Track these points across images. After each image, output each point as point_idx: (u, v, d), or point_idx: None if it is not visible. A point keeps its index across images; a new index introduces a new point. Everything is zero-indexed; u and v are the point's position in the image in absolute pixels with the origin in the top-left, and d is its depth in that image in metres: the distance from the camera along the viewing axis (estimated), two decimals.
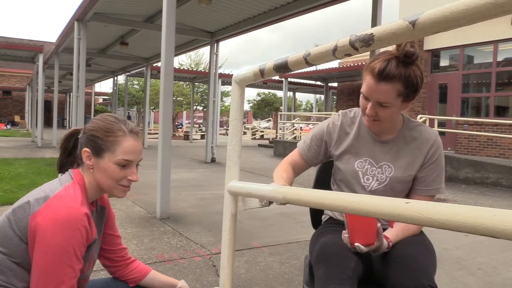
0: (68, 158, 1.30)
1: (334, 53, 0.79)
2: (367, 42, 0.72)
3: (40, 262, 1.07)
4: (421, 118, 8.93)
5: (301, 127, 18.74)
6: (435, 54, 12.07)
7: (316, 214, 1.87)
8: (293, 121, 17.67)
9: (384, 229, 1.45)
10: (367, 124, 1.50)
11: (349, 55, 0.78)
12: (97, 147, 1.21)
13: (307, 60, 0.86)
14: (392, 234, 1.43)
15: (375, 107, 1.39)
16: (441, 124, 11.11)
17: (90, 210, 1.24)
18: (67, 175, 1.22)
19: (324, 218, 1.76)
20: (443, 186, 1.53)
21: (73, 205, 1.11)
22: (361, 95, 1.43)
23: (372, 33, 0.71)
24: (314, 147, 1.62)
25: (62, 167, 1.30)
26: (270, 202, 1.17)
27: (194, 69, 27.38)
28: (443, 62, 12.13)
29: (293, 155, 1.67)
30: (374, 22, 6.32)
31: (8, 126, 28.46)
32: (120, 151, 1.21)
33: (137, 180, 1.26)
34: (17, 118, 32.02)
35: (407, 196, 1.56)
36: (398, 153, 1.52)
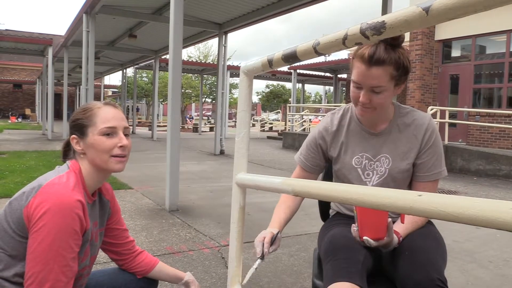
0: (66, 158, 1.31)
1: (344, 42, 0.76)
2: (378, 30, 0.69)
3: (31, 249, 1.06)
4: (432, 109, 8.82)
5: (310, 119, 18.66)
6: (447, 44, 11.89)
7: (325, 206, 1.85)
8: (302, 113, 17.59)
9: (394, 221, 1.43)
10: (360, 114, 1.46)
11: (360, 44, 0.76)
12: (80, 128, 1.22)
13: (316, 50, 0.84)
14: (402, 228, 1.41)
15: (368, 94, 1.37)
16: (452, 115, 10.97)
17: (89, 200, 1.23)
18: (64, 165, 1.23)
19: (331, 212, 1.75)
20: (444, 168, 1.51)
21: (65, 192, 1.10)
22: (351, 85, 1.42)
23: (383, 21, 0.68)
24: (311, 155, 1.61)
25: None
26: (261, 259, 1.35)
27: (203, 61, 27.35)
28: (455, 53, 11.96)
29: (296, 171, 1.66)
30: (385, 10, 6.22)
31: (19, 119, 28.78)
32: (100, 121, 1.21)
33: (128, 144, 1.23)
34: (27, 111, 32.35)
35: (410, 185, 1.54)
36: (393, 143, 1.50)
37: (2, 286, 1.11)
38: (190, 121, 33.72)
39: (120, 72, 20.44)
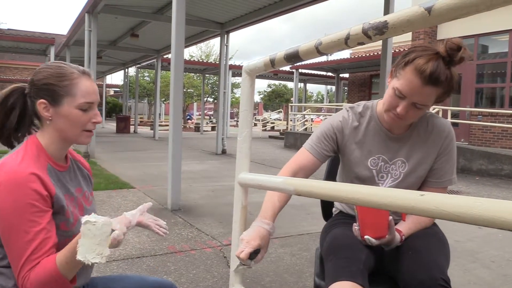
0: (17, 128, 1.20)
1: (347, 41, 0.77)
2: (380, 30, 0.69)
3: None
4: (434, 109, 8.81)
5: (312, 119, 18.65)
6: None
7: (327, 206, 1.86)
8: (304, 113, 17.58)
9: (396, 223, 1.43)
10: (389, 121, 1.41)
11: (362, 43, 0.76)
12: (54, 95, 1.14)
13: (318, 49, 0.84)
14: (405, 227, 1.41)
15: (408, 107, 1.31)
16: (455, 115, 10.94)
17: (60, 167, 1.19)
18: (21, 142, 1.17)
19: (334, 211, 1.75)
20: (455, 176, 1.50)
21: (13, 168, 1.06)
22: (392, 91, 1.33)
23: (386, 21, 0.68)
24: (325, 143, 1.50)
25: (10, 139, 1.20)
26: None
27: (205, 61, 27.34)
28: None
29: (300, 158, 1.52)
30: (387, 10, 6.21)
31: None
32: (79, 94, 1.14)
33: (101, 121, 1.21)
34: None
35: (419, 189, 1.52)
36: (411, 148, 1.47)
37: (1, 273, 1.10)
38: (190, 121, 33.70)
39: (122, 71, 20.48)
